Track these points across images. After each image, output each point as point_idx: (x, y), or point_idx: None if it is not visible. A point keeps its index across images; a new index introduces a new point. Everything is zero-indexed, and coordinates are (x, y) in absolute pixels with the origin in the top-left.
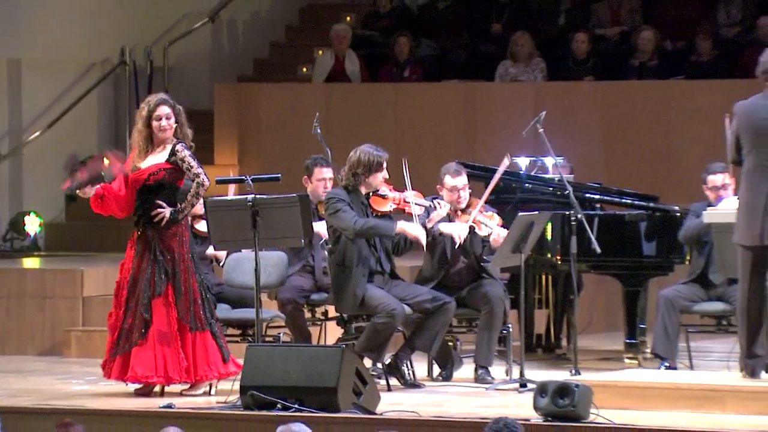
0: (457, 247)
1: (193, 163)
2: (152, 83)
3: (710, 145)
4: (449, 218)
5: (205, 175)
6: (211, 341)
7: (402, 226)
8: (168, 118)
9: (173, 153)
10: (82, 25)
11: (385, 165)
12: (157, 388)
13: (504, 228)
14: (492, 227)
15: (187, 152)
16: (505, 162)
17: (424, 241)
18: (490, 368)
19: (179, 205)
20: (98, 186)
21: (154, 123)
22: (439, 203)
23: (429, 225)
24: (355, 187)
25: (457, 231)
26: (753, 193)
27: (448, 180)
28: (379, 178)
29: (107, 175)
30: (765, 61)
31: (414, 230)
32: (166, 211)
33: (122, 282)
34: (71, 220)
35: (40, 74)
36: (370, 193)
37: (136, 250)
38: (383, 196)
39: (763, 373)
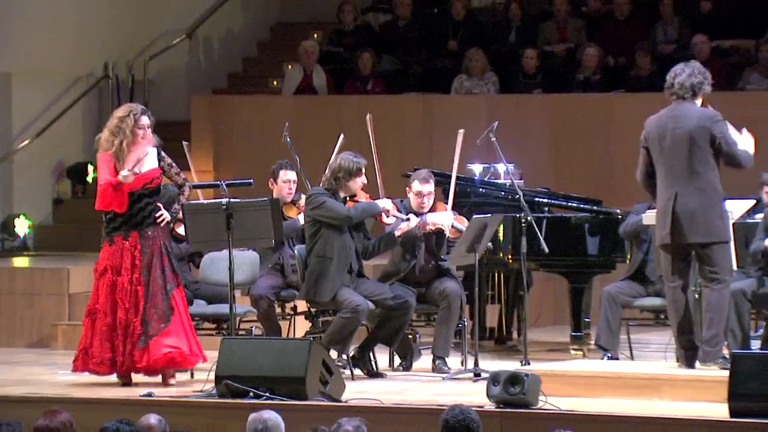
0: (447, 237)
1: (178, 169)
2: (133, 95)
3: None
4: (418, 231)
5: None
6: None
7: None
8: (148, 128)
9: (161, 159)
10: (68, 41)
11: (363, 171)
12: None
13: None
14: (464, 229)
15: (169, 159)
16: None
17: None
18: (446, 359)
19: (173, 207)
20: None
21: (138, 131)
22: (408, 217)
23: (397, 234)
24: (335, 190)
25: (443, 220)
26: (662, 197)
27: (416, 185)
28: (358, 183)
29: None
30: (668, 80)
31: (388, 204)
32: (166, 213)
33: (135, 281)
34: (58, 222)
35: (29, 87)
36: (347, 198)
37: (143, 249)
38: (358, 203)
39: (697, 363)
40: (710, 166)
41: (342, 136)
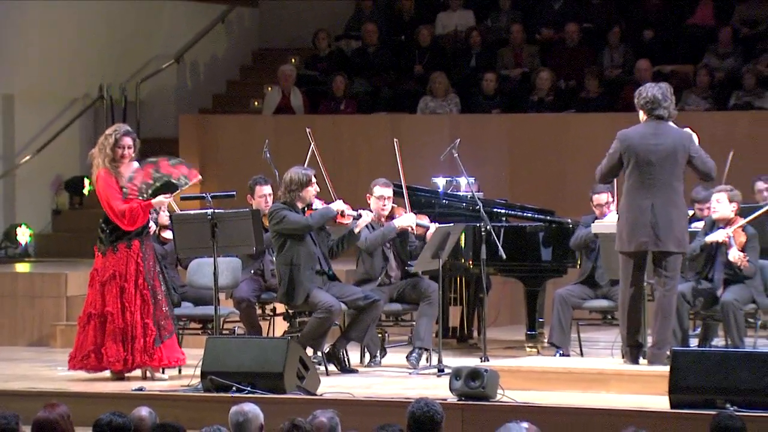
0: (415, 236)
1: None
2: (126, 115)
3: (597, 167)
4: (372, 226)
5: None
6: None
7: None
8: (129, 148)
9: None
10: (66, 66)
11: (313, 180)
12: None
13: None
14: (428, 224)
15: None
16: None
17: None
18: (427, 349)
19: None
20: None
21: (117, 150)
22: (360, 213)
23: (356, 230)
24: (292, 202)
25: (408, 221)
26: (635, 207)
27: (377, 190)
28: (311, 192)
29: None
30: (658, 99)
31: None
32: (153, 224)
33: (140, 285)
34: (57, 231)
35: (30, 107)
36: (305, 208)
37: (144, 256)
38: (315, 211)
39: (641, 359)
40: (681, 180)
41: (312, 146)
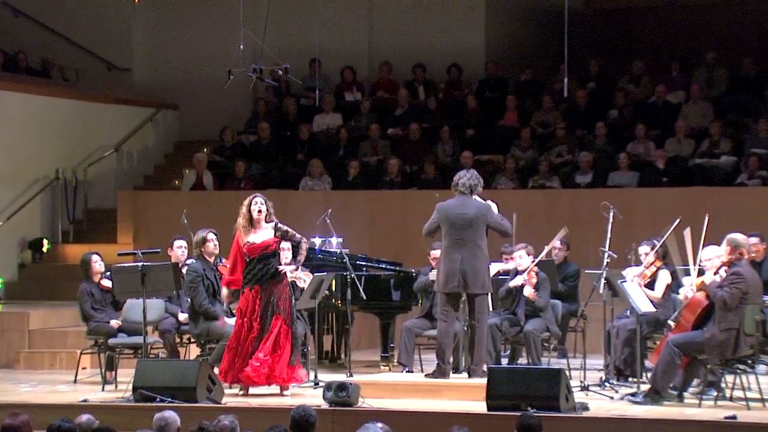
0: (306, 285)
1: (293, 231)
2: (77, 192)
3: (424, 226)
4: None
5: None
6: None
7: None
8: (262, 204)
9: (277, 229)
10: (30, 153)
11: (210, 238)
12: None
13: None
14: (307, 279)
15: (285, 226)
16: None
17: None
18: None
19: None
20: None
21: (253, 208)
22: None
23: None
24: (200, 256)
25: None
26: (450, 259)
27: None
28: (210, 247)
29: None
30: (455, 180)
31: None
32: (287, 268)
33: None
34: (21, 280)
35: (2, 185)
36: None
37: (263, 297)
38: None
39: (451, 374)
40: (484, 239)
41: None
